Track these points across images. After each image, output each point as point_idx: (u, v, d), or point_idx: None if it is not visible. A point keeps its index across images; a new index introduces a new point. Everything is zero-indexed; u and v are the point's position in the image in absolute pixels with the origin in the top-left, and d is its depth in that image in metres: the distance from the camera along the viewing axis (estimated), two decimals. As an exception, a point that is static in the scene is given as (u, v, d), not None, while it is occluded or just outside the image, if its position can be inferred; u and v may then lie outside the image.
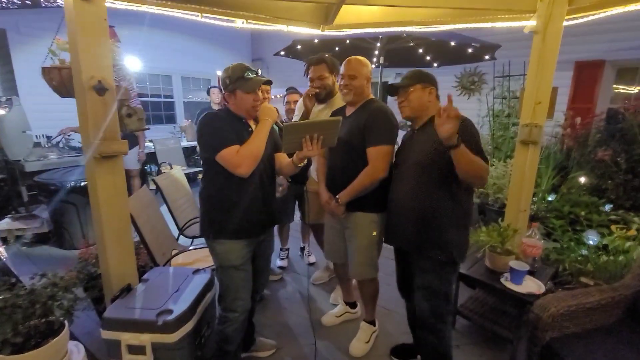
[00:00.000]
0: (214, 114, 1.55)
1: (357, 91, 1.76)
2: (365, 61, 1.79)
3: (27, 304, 1.13)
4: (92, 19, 1.55)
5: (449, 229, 1.47)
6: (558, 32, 1.95)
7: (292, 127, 1.47)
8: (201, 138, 1.52)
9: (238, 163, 1.43)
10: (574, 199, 3.35)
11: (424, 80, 1.55)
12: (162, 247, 2.29)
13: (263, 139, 1.51)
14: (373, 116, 1.71)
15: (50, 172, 3.48)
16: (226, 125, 1.50)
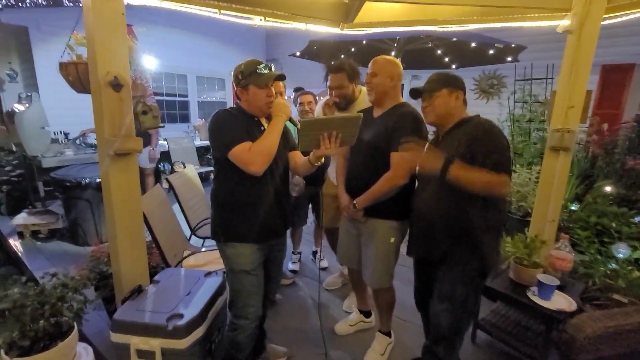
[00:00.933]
0: (224, 111, 1.49)
1: (378, 89, 1.67)
2: (392, 60, 1.71)
3: (36, 304, 1.10)
4: (110, 14, 1.52)
5: (480, 234, 1.37)
6: (595, 32, 1.84)
7: (309, 124, 1.38)
8: (212, 136, 1.46)
9: (250, 160, 1.37)
10: (600, 209, 3.18)
11: (450, 85, 1.46)
12: (173, 248, 2.25)
13: (276, 136, 1.44)
14: (402, 120, 1.62)
15: (67, 168, 3.51)
16: (237, 122, 1.44)
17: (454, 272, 1.43)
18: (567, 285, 1.88)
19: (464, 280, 1.42)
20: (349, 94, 2.01)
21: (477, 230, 1.37)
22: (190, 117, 7.29)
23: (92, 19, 1.50)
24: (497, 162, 1.27)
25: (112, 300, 1.90)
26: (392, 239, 1.72)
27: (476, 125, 1.38)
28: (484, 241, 1.38)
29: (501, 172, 1.27)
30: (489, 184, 1.26)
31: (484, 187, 1.27)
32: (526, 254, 1.87)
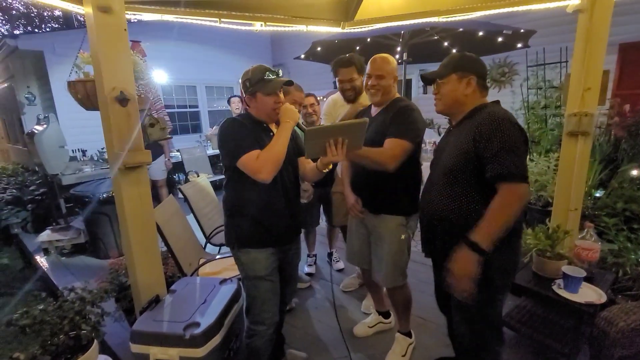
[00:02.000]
0: (233, 120, 1.50)
1: (385, 90, 1.68)
2: (390, 58, 1.70)
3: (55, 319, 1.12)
4: (113, 30, 1.55)
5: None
6: (608, 9, 1.74)
7: (314, 132, 1.34)
8: (221, 145, 1.47)
9: (258, 169, 1.36)
10: (628, 194, 3.02)
11: (461, 68, 1.30)
12: (189, 257, 2.28)
13: (284, 143, 1.42)
14: (398, 113, 1.63)
15: (85, 184, 3.62)
16: (245, 130, 1.44)
17: None
18: (595, 276, 1.78)
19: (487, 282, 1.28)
20: (359, 86, 2.05)
21: None
22: (202, 127, 7.42)
23: (95, 36, 1.54)
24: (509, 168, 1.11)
25: (132, 311, 1.94)
26: (403, 236, 1.70)
27: (485, 118, 1.21)
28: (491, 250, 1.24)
29: (514, 181, 1.11)
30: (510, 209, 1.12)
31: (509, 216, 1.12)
32: (549, 245, 1.79)
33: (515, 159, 1.12)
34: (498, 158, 1.12)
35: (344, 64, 1.98)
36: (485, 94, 1.35)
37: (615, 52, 4.72)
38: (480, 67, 1.34)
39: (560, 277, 1.68)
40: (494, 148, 1.13)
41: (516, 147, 1.13)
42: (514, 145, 1.13)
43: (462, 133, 1.28)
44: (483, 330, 1.34)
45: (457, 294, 1.22)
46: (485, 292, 1.28)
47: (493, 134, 1.15)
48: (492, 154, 1.14)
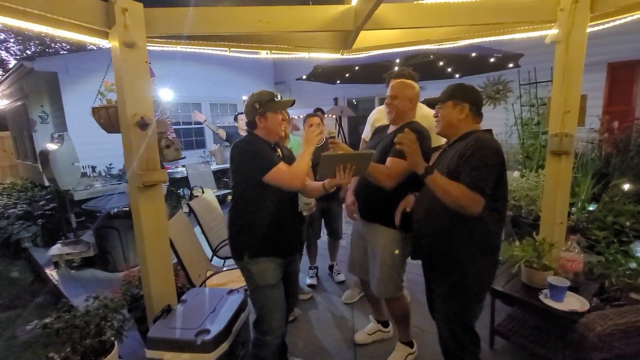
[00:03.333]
0: (247, 141, 1.63)
1: (399, 110, 1.80)
2: (410, 83, 1.84)
3: (83, 324, 1.24)
4: (136, 62, 1.74)
5: (464, 252, 1.41)
6: (582, 40, 1.92)
7: (329, 158, 1.49)
8: (245, 162, 1.58)
9: (292, 176, 1.54)
10: (617, 208, 3.15)
11: (455, 97, 1.49)
12: (197, 269, 2.40)
13: (309, 159, 1.61)
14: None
15: (96, 200, 3.77)
16: (265, 149, 1.60)
17: (442, 285, 1.50)
18: (580, 286, 1.90)
19: (452, 294, 1.46)
20: None
21: (461, 247, 1.40)
22: (206, 143, 7.62)
23: (120, 68, 1.72)
24: (476, 180, 1.29)
25: (143, 320, 2.05)
26: (397, 251, 1.80)
27: (470, 141, 1.39)
28: (469, 259, 1.41)
29: (475, 191, 1.29)
30: (459, 199, 1.30)
31: (454, 200, 1.31)
32: (535, 256, 1.91)
33: (482, 175, 1.31)
34: (470, 172, 1.32)
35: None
36: (478, 120, 1.52)
37: (604, 71, 4.93)
38: (475, 97, 1.52)
39: (547, 287, 1.80)
40: (472, 165, 1.33)
41: (488, 167, 1.32)
42: (487, 165, 1.32)
43: (453, 153, 1.46)
44: (460, 333, 1.49)
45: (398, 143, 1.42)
46: (463, 299, 1.45)
47: (474, 155, 1.34)
48: (467, 167, 1.34)
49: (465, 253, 1.41)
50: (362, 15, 1.90)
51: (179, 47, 2.14)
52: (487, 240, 1.41)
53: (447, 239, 1.42)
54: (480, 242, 1.40)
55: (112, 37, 1.75)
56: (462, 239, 1.40)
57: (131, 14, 1.66)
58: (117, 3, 1.62)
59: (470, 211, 1.31)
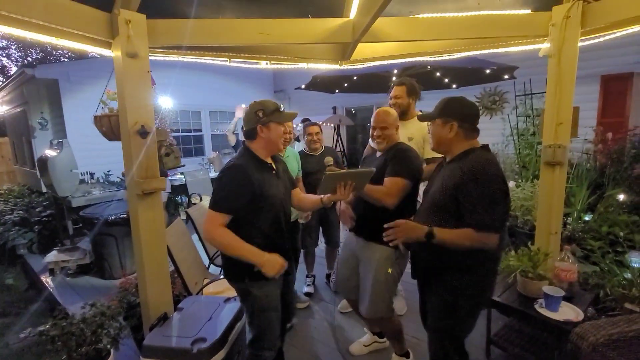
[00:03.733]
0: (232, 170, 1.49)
1: (389, 139, 1.86)
2: (392, 111, 1.91)
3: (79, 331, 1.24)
4: (138, 72, 1.77)
5: (455, 271, 1.40)
6: (574, 54, 1.97)
7: (332, 176, 1.53)
8: (214, 187, 1.52)
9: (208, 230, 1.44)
10: (612, 219, 3.18)
11: (445, 114, 1.42)
12: (194, 277, 2.40)
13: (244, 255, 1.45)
14: (395, 154, 1.81)
15: (93, 206, 3.77)
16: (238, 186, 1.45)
17: (432, 302, 1.51)
18: (575, 296, 1.91)
19: (442, 308, 1.46)
20: (404, 105, 2.27)
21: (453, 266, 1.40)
22: (205, 150, 7.65)
23: (122, 77, 1.75)
24: (483, 222, 1.23)
25: (139, 329, 2.04)
26: (390, 270, 1.80)
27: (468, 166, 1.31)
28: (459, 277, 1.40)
29: (485, 231, 1.23)
30: (472, 245, 1.26)
31: (469, 247, 1.28)
32: (531, 266, 1.93)
33: (490, 210, 1.24)
34: (476, 209, 1.26)
35: (396, 83, 2.27)
36: (473, 137, 1.42)
37: (598, 83, 5.02)
38: (465, 113, 1.41)
39: (542, 297, 1.81)
40: (473, 200, 1.26)
41: (493, 199, 1.26)
42: (491, 198, 1.26)
43: (449, 174, 1.39)
44: (450, 348, 1.49)
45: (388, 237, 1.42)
46: (455, 317, 1.44)
47: (473, 186, 1.26)
48: (470, 204, 1.27)
49: (461, 276, 1.40)
50: (360, 28, 1.95)
51: (180, 57, 2.18)
52: (485, 264, 1.41)
53: (443, 261, 1.42)
54: (478, 265, 1.39)
55: (115, 47, 1.79)
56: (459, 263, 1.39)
57: (134, 25, 1.70)
58: (121, 15, 1.66)
59: (488, 248, 1.29)
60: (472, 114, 1.44)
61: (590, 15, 1.93)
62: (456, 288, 1.41)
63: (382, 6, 1.68)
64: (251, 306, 1.57)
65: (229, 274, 1.63)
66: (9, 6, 1.39)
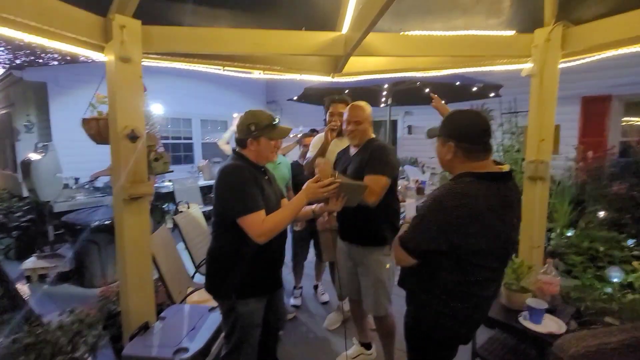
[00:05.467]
0: (237, 171, 1.45)
1: (362, 134, 1.90)
2: (366, 106, 1.93)
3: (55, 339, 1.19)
4: (130, 77, 1.77)
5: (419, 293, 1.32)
6: (555, 75, 2.07)
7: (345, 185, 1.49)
8: (225, 198, 1.43)
9: (261, 233, 1.37)
10: (592, 234, 3.28)
11: (443, 133, 1.24)
12: (178, 285, 2.34)
13: (293, 213, 1.45)
14: (373, 152, 1.83)
15: (76, 212, 3.67)
16: (252, 185, 1.43)
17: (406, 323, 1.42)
18: (557, 309, 1.94)
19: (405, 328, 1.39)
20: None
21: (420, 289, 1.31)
22: (194, 158, 7.59)
23: (114, 81, 1.75)
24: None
25: (118, 339, 1.97)
26: (388, 265, 1.85)
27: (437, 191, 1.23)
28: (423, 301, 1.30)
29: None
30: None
31: None
32: (514, 279, 1.96)
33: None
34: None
35: (337, 100, 2.24)
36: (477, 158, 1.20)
37: (579, 104, 5.24)
38: (463, 134, 1.19)
39: (526, 309, 1.83)
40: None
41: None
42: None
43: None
44: None
45: None
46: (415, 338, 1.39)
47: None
48: None
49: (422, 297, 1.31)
50: (352, 42, 2.00)
51: (174, 64, 2.19)
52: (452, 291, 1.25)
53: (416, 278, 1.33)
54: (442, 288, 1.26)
55: (108, 51, 1.79)
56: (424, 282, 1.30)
57: (129, 30, 1.71)
58: (116, 20, 1.67)
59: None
60: (471, 133, 1.19)
61: (571, 39, 2.04)
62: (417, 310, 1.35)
63: (373, 22, 1.73)
64: (233, 322, 1.51)
65: (213, 290, 1.56)
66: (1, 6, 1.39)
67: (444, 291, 1.26)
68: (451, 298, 1.25)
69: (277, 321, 1.73)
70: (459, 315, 1.27)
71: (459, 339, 1.36)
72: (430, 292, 1.28)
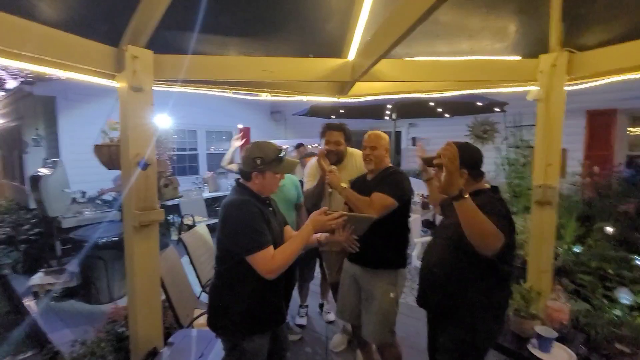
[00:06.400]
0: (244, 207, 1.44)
1: (377, 160, 1.94)
2: (383, 135, 1.99)
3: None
4: (141, 105, 1.81)
5: (473, 310, 1.44)
6: (561, 99, 2.08)
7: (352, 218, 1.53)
8: (232, 233, 1.42)
9: (271, 269, 1.37)
10: (601, 254, 3.24)
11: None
12: (185, 308, 2.35)
13: (301, 245, 1.44)
14: (387, 175, 1.89)
15: (84, 228, 3.71)
16: (260, 220, 1.42)
17: (446, 338, 1.51)
18: (567, 336, 1.92)
19: (455, 347, 1.48)
20: (342, 151, 2.27)
21: (470, 305, 1.43)
22: (199, 169, 7.64)
23: (126, 109, 1.79)
24: (501, 224, 1.29)
25: (126, 363, 1.97)
26: (392, 294, 1.84)
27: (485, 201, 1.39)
28: (477, 317, 1.43)
29: (500, 229, 1.27)
30: (487, 230, 1.24)
31: (481, 231, 1.26)
32: (524, 305, 1.95)
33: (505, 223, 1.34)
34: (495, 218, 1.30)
35: (333, 127, 2.24)
36: (481, 179, 1.53)
37: (584, 118, 5.23)
38: (473, 161, 1.50)
39: (535, 337, 1.82)
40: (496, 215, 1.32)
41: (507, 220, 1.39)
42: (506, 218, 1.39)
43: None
44: None
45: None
46: (469, 355, 1.46)
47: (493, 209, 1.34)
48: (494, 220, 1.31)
49: (479, 313, 1.43)
50: (359, 68, 2.03)
51: (182, 89, 2.23)
52: (500, 303, 1.47)
53: (462, 298, 1.44)
54: (495, 303, 1.44)
55: (121, 80, 1.83)
56: (479, 300, 1.43)
57: (141, 60, 1.75)
58: (129, 51, 1.71)
59: (491, 247, 1.27)
60: (477, 160, 1.54)
61: (576, 64, 2.05)
62: (474, 326, 1.43)
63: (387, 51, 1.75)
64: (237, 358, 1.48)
65: (217, 325, 1.52)
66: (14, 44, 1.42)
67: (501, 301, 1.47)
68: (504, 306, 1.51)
69: (281, 351, 1.71)
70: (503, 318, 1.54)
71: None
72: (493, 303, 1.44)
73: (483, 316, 1.43)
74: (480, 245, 1.29)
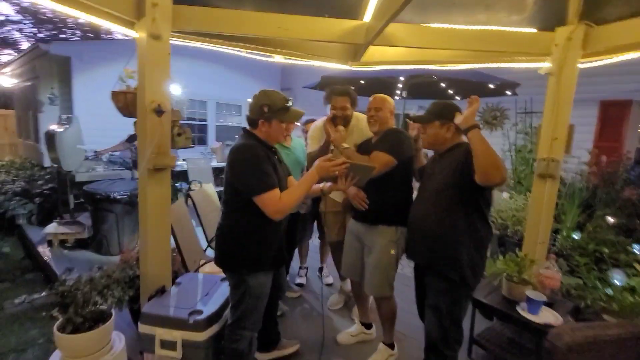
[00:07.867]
0: (252, 150, 1.49)
1: (382, 121, 1.98)
2: (388, 97, 2.03)
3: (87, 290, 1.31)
4: (159, 54, 1.85)
5: (461, 247, 1.54)
6: (573, 74, 2.08)
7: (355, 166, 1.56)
8: (241, 174, 1.47)
9: (278, 210, 1.44)
10: (599, 237, 3.29)
11: (443, 117, 1.61)
12: (192, 255, 2.47)
13: (307, 189, 1.51)
14: (386, 134, 1.95)
15: (97, 183, 3.84)
16: (266, 164, 1.48)
17: (438, 281, 1.61)
18: (556, 303, 2.00)
19: (447, 289, 1.58)
20: (349, 116, 2.27)
21: (458, 243, 1.54)
22: (208, 140, 7.72)
23: (145, 57, 1.83)
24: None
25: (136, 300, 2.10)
26: (392, 251, 1.92)
27: (464, 149, 1.52)
28: (465, 253, 1.54)
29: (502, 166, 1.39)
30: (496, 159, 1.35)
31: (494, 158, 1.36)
32: (516, 271, 2.02)
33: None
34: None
35: (339, 93, 2.22)
36: (461, 134, 1.63)
37: (597, 108, 5.15)
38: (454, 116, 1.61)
39: (525, 300, 1.90)
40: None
41: None
42: None
43: (446, 165, 1.61)
44: (448, 327, 1.60)
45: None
46: (458, 294, 1.58)
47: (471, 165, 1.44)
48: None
49: (463, 251, 1.54)
50: (373, 31, 2.04)
51: (198, 44, 2.26)
52: (482, 239, 1.59)
53: (448, 239, 1.56)
54: (477, 240, 1.56)
55: (140, 27, 1.87)
56: (462, 239, 1.55)
57: (160, 8, 1.78)
58: (149, -3, 1.75)
59: (500, 175, 1.36)
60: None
61: (592, 39, 2.04)
62: (460, 264, 1.53)
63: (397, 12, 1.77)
64: (242, 293, 1.58)
65: (224, 263, 1.63)
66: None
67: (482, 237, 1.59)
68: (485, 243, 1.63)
69: (278, 292, 1.85)
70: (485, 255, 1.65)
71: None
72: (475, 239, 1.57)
73: (468, 252, 1.54)
74: (489, 172, 1.36)
